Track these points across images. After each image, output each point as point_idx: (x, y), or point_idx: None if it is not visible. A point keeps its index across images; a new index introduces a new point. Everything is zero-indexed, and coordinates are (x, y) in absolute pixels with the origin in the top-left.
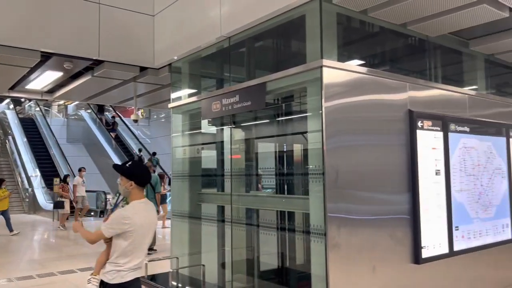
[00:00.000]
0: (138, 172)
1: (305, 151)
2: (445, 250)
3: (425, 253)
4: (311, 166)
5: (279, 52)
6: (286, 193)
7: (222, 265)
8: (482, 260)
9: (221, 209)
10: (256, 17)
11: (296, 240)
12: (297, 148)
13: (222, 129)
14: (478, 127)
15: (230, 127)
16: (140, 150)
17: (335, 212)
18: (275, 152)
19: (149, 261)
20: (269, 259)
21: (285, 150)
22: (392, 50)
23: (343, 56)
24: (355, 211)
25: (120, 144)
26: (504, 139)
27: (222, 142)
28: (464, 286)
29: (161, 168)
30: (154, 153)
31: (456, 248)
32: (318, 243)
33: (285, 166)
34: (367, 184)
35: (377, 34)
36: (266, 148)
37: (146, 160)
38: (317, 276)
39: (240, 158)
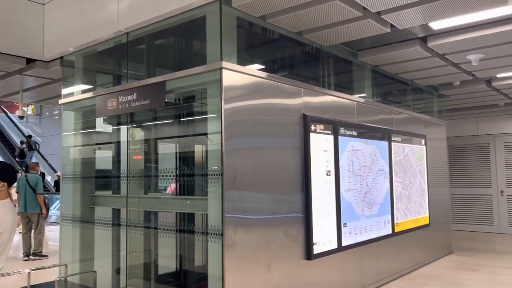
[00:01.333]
0: (8, 172)
1: (206, 152)
2: (334, 245)
3: (316, 249)
4: (210, 167)
5: (180, 51)
6: (186, 194)
7: (117, 271)
8: (366, 254)
9: (117, 212)
10: (155, 14)
11: (195, 242)
12: (198, 149)
13: (119, 128)
14: (365, 132)
15: (128, 127)
16: (27, 139)
17: (233, 212)
18: (176, 153)
19: (34, 269)
20: (167, 262)
21: (185, 151)
22: (290, 57)
23: (243, 59)
24: (252, 210)
25: (4, 141)
26: (386, 143)
27: (119, 142)
28: (351, 278)
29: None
30: (30, 136)
31: (344, 243)
32: (215, 243)
33: (185, 167)
34: (264, 185)
35: (276, 40)
36: (167, 149)
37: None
38: (214, 276)
39: (138, 159)
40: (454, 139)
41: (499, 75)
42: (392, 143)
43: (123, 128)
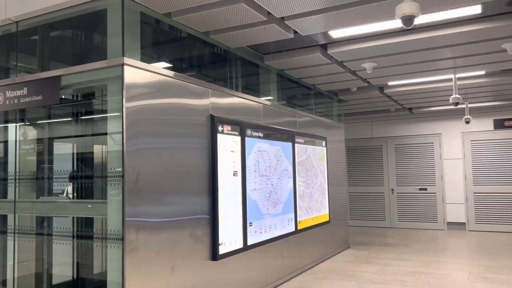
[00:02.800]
0: None
1: (106, 153)
2: (240, 245)
3: (222, 250)
4: (110, 169)
5: (79, 45)
6: (84, 197)
7: (3, 283)
8: (271, 252)
9: (2, 219)
10: (49, 3)
11: (94, 248)
12: (98, 150)
13: (7, 126)
14: (270, 133)
15: (18, 124)
16: None
17: (134, 215)
18: (73, 153)
19: None
20: (63, 271)
21: (84, 151)
22: (197, 57)
23: (148, 57)
24: (156, 213)
25: None
26: (290, 144)
27: (7, 141)
28: (256, 276)
29: None
30: None
31: (250, 242)
32: (115, 248)
33: (83, 169)
34: (169, 186)
35: (183, 39)
36: (63, 149)
37: None
38: (113, 283)
39: (29, 159)
40: (352, 141)
41: (390, 83)
42: (296, 144)
43: (12, 126)
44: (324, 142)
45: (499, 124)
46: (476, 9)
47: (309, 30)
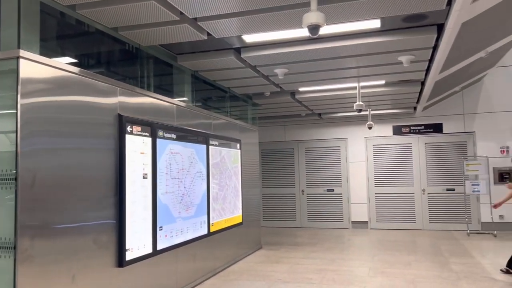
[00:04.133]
0: None
1: None
2: (149, 250)
3: (129, 256)
4: (1, 171)
5: None
6: None
7: None
8: (183, 255)
9: None
10: None
11: None
12: None
13: None
14: (184, 135)
15: None
16: None
17: (29, 221)
18: None
19: None
20: None
21: None
22: (105, 53)
23: (49, 51)
24: (55, 219)
25: None
26: (204, 146)
27: None
28: (165, 281)
29: None
30: None
31: (160, 247)
32: (6, 258)
33: None
34: (70, 190)
35: (90, 34)
36: None
37: None
38: None
39: None
40: (265, 144)
41: (301, 89)
42: (210, 147)
43: None
44: (238, 145)
45: (397, 130)
46: (375, 23)
47: (222, 33)
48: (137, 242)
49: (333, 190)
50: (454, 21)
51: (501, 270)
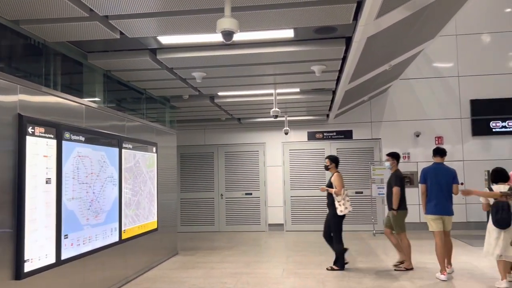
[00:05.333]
0: None
1: None
2: (52, 260)
3: (28, 267)
4: None
5: None
6: None
7: None
8: (91, 264)
9: None
10: None
11: None
12: None
13: None
14: (94, 137)
15: None
16: None
17: None
18: None
19: None
20: None
21: None
22: (4, 48)
23: None
24: None
25: None
26: (117, 149)
27: None
28: None
29: None
30: None
31: (65, 256)
32: None
33: None
34: None
35: None
36: None
37: None
38: None
39: None
40: (184, 147)
41: (220, 93)
42: (123, 150)
43: None
44: (154, 148)
45: (312, 136)
46: (289, 33)
47: (136, 33)
48: (39, 252)
49: (251, 194)
50: (360, 35)
51: (327, 268)
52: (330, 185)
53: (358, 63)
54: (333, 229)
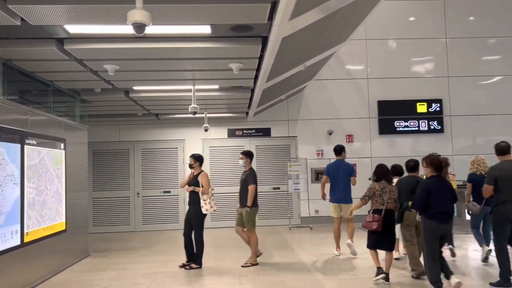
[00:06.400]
0: None
1: None
2: None
3: None
4: None
5: None
6: None
7: None
8: None
9: None
10: None
11: None
12: None
13: None
14: None
15: None
16: None
17: None
18: None
19: None
20: None
21: None
22: None
23: None
24: None
25: None
26: (18, 145)
27: None
28: None
29: None
30: None
31: None
32: None
33: None
34: None
35: None
36: None
37: None
38: None
39: None
40: (97, 144)
41: (135, 88)
42: (26, 146)
43: None
44: (62, 145)
45: (232, 133)
46: (206, 29)
47: (40, 20)
48: None
49: (169, 192)
50: (275, 35)
51: (179, 266)
52: (196, 183)
53: (275, 63)
54: (196, 228)
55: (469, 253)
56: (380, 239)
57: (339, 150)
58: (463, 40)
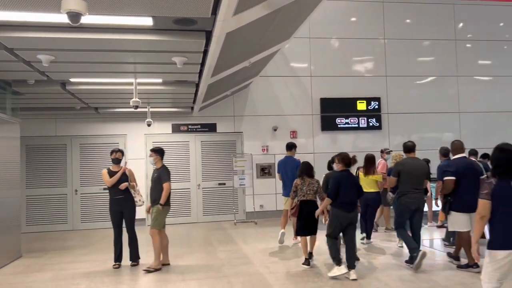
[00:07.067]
0: None
1: None
2: None
3: None
4: None
5: None
6: None
7: None
8: None
9: None
10: None
11: None
12: None
13: None
14: None
15: None
16: None
17: None
18: None
19: None
20: None
21: None
22: None
23: None
24: None
25: None
26: None
27: None
28: None
29: None
30: None
31: None
32: None
33: None
34: None
35: None
36: None
37: None
38: None
39: None
40: (31, 139)
41: (72, 80)
42: None
43: None
44: None
45: (176, 128)
46: (148, 21)
47: None
48: None
49: None
50: (219, 30)
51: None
52: (126, 179)
53: (220, 58)
54: (132, 223)
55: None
56: (304, 226)
57: (290, 146)
58: (400, 42)
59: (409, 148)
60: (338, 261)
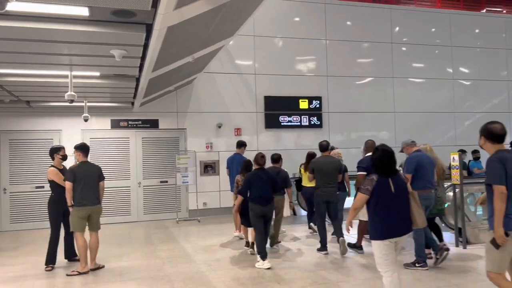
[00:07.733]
0: None
1: None
2: None
3: None
4: None
5: None
6: None
7: None
8: None
9: None
10: None
11: None
12: None
13: None
14: None
15: None
16: None
17: None
18: None
19: None
20: None
21: None
22: None
23: None
24: None
25: None
26: None
27: None
28: None
29: None
30: None
31: None
32: None
33: None
34: None
35: None
36: None
37: None
38: None
39: None
40: None
41: (0, 71)
42: None
43: None
44: None
45: (116, 124)
46: (83, 11)
47: None
48: None
49: (43, 187)
50: (160, 24)
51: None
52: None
53: (161, 52)
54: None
55: None
56: (246, 219)
57: (240, 144)
58: (341, 43)
59: (323, 147)
60: (263, 256)
